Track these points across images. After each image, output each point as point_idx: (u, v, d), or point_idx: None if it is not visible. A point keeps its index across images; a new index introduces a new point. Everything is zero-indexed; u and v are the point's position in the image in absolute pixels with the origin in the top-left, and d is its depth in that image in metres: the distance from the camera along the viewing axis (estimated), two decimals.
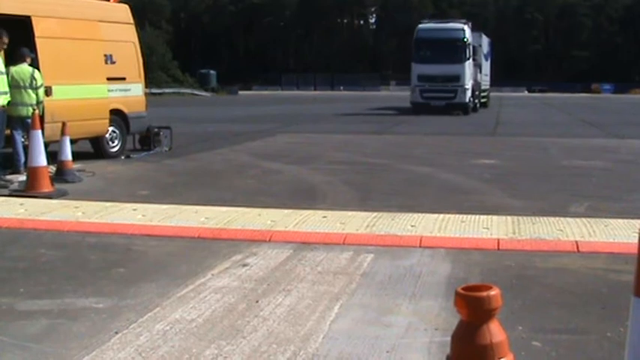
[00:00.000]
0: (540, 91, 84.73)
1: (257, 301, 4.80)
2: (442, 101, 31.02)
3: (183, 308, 4.66)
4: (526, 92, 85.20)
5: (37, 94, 10.89)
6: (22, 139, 10.78)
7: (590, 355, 3.93)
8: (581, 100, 55.52)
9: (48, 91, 11.69)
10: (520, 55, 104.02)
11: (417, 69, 31.74)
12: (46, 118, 11.19)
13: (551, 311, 4.65)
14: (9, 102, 10.59)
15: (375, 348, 3.96)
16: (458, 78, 30.88)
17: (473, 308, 2.39)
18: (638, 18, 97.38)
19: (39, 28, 11.67)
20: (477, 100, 34.71)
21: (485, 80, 39.37)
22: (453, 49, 30.93)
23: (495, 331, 2.40)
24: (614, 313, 4.49)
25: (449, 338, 2.48)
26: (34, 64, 11.46)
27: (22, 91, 10.76)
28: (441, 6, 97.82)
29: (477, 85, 34.79)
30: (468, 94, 31.44)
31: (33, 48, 11.56)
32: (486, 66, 40.40)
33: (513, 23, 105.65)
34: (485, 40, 39.34)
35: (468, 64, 31.52)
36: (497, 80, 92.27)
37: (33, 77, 10.85)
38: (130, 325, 4.32)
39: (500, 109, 38.72)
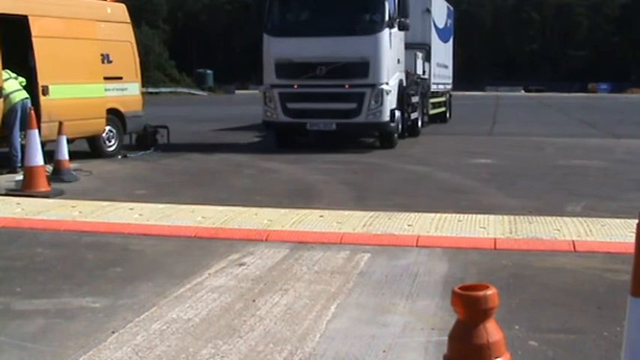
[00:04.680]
0: (537, 90, 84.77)
1: (254, 301, 4.80)
2: (330, 121, 14.84)
3: (180, 307, 4.65)
4: (523, 92, 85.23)
5: None
6: (20, 139, 10.80)
7: (586, 355, 3.93)
8: (577, 100, 55.55)
9: (45, 91, 11.69)
10: (517, 55, 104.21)
11: (275, 48, 15.04)
12: (43, 118, 11.18)
13: (548, 311, 4.66)
14: (25, 97, 10.87)
15: (371, 347, 3.96)
16: (364, 67, 14.56)
17: (470, 308, 2.40)
18: (634, 17, 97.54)
19: (36, 28, 11.65)
20: (418, 115, 18.62)
21: (440, 75, 22.93)
22: (355, 4, 15.30)
23: (492, 331, 2.41)
24: (610, 313, 4.50)
25: (446, 338, 2.49)
26: (31, 64, 11.48)
27: None
28: None
29: (416, 84, 18.34)
30: (389, 102, 14.83)
31: (30, 47, 11.56)
32: (444, 51, 23.95)
33: (510, 22, 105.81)
34: (439, 4, 22.51)
35: (391, 37, 14.91)
36: (493, 80, 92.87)
37: None
38: (126, 325, 4.31)
39: (497, 109, 38.67)
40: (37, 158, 9.22)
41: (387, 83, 14.69)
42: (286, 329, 4.25)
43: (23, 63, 11.53)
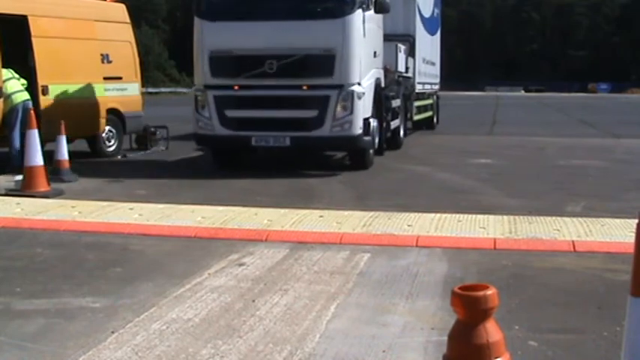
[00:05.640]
0: (537, 90, 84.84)
1: (254, 301, 4.80)
2: (283, 134, 11.17)
3: (180, 308, 4.65)
4: (522, 92, 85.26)
5: None
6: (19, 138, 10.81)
7: (586, 355, 3.93)
8: (577, 100, 55.56)
9: (44, 90, 11.70)
10: (517, 55, 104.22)
11: (209, 36, 11.40)
12: (43, 118, 11.18)
13: (548, 311, 4.66)
14: (27, 99, 10.89)
15: (371, 347, 3.96)
16: (329, 62, 10.98)
17: (469, 308, 2.40)
18: (634, 17, 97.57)
19: (35, 28, 11.66)
20: (400, 122, 15.17)
21: (427, 73, 19.47)
22: None
23: (492, 331, 2.41)
24: (610, 313, 4.50)
25: (445, 338, 2.49)
26: (30, 64, 11.48)
27: None
28: None
29: (397, 84, 15.12)
30: (362, 109, 11.20)
31: (29, 47, 11.56)
32: (430, 45, 20.34)
33: (510, 22, 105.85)
34: None
35: (364, 21, 11.28)
36: (493, 80, 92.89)
37: None
38: (126, 325, 4.31)
39: (497, 109, 38.67)
40: (37, 158, 9.22)
41: (359, 83, 10.96)
42: (286, 329, 4.24)
43: (23, 63, 11.54)
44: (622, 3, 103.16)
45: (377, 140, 12.31)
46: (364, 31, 11.16)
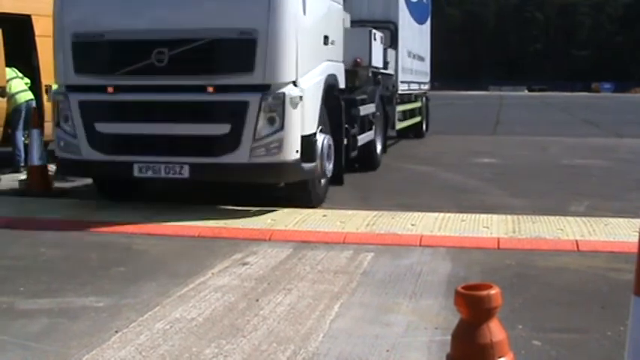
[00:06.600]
0: (540, 90, 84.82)
1: (257, 300, 4.80)
2: (179, 161, 7.42)
3: (184, 307, 4.66)
4: (526, 91, 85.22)
5: None
6: (23, 138, 10.83)
7: (590, 354, 3.93)
8: (580, 100, 55.49)
9: (48, 90, 11.71)
10: (520, 54, 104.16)
11: (70, 13, 8.04)
12: (47, 117, 11.20)
13: (551, 310, 4.65)
14: (31, 99, 10.95)
15: (375, 347, 3.96)
16: (246, 51, 7.27)
17: (473, 307, 2.40)
18: (638, 17, 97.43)
19: (39, 27, 11.66)
20: (377, 134, 11.66)
21: (413, 70, 16.12)
22: None
23: (495, 330, 2.41)
24: (614, 312, 4.49)
25: (449, 337, 2.49)
26: (34, 63, 11.50)
27: None
28: (439, 3, 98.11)
29: (375, 83, 11.88)
30: (301, 121, 7.48)
31: (33, 47, 11.58)
32: (418, 36, 16.81)
33: (513, 22, 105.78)
34: None
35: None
36: (497, 79, 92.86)
37: None
38: (130, 324, 4.32)
39: (500, 109, 38.64)
40: (41, 158, 9.23)
41: (294, 83, 7.46)
42: (289, 329, 4.25)
43: (27, 62, 11.55)
44: (625, 2, 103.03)
45: (330, 166, 8.22)
46: (304, 4, 7.67)
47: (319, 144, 7.87)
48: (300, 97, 7.45)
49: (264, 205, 7.87)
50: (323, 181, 8.39)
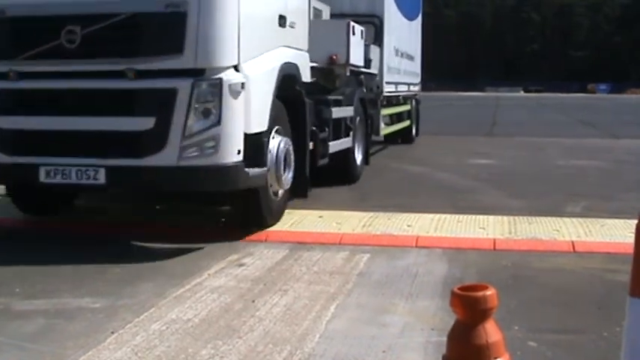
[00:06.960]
0: (536, 91, 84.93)
1: (253, 301, 4.80)
2: (94, 163, 6.11)
3: (180, 308, 4.65)
4: (522, 92, 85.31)
5: None
6: None
7: (586, 355, 3.93)
8: (577, 100, 55.58)
9: None
10: (516, 55, 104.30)
11: None
12: None
13: (548, 311, 4.66)
14: None
15: (371, 348, 3.96)
16: (174, 28, 5.95)
17: (469, 308, 2.40)
18: (635, 18, 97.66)
19: None
20: (357, 142, 10.30)
21: (401, 70, 14.93)
22: None
23: (491, 331, 2.40)
24: (610, 313, 4.50)
25: (445, 338, 2.48)
26: None
27: None
28: (436, 3, 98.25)
29: (358, 84, 10.72)
30: (243, 115, 6.13)
31: None
32: (407, 33, 15.73)
33: (510, 23, 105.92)
34: None
35: None
36: (493, 80, 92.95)
37: None
38: (126, 325, 4.31)
39: (497, 110, 38.66)
40: None
41: (235, 68, 6.19)
42: (286, 330, 4.25)
43: None
44: (622, 3, 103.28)
45: (289, 175, 7.14)
46: None
47: (274, 147, 6.76)
48: (242, 85, 6.09)
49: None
50: (280, 192, 7.07)
